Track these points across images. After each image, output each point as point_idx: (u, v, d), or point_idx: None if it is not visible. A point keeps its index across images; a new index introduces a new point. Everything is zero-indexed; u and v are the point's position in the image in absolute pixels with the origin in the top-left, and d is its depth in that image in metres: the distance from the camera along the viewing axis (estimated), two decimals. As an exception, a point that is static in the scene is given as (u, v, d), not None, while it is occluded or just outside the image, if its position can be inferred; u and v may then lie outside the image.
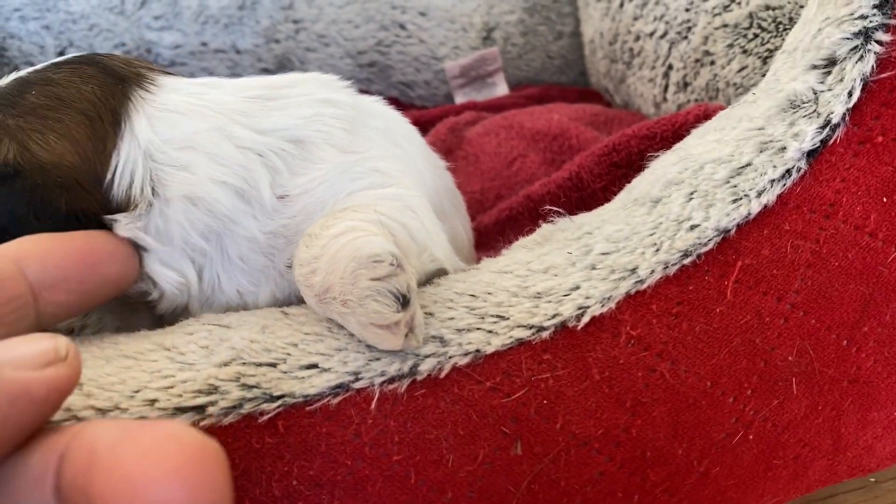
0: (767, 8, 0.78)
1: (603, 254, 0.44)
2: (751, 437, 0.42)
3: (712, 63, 0.85)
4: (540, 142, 0.93)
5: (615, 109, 1.06)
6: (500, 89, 1.25)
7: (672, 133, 0.75)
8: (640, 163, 0.76)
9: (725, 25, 0.83)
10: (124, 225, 0.44)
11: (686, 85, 0.90)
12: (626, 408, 0.40)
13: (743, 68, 0.80)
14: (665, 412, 0.40)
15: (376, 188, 0.48)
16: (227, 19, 1.18)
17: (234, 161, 0.46)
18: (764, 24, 0.78)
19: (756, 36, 0.79)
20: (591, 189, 0.76)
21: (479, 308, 0.42)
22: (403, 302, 0.37)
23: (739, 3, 0.82)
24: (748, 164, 0.46)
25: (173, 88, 0.48)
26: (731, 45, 0.82)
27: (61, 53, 1.20)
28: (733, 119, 0.52)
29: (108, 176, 0.44)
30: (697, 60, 0.87)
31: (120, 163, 0.45)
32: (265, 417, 0.37)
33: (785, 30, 0.76)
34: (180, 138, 0.46)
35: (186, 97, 0.48)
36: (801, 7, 0.74)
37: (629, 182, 0.77)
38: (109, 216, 0.44)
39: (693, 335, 0.41)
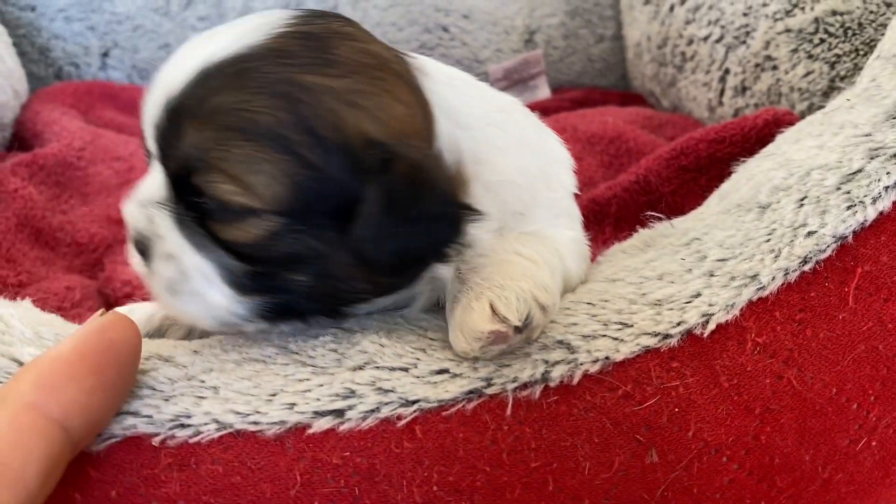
0: (835, 13, 0.78)
1: (720, 260, 0.44)
2: (873, 443, 0.42)
3: (774, 68, 0.85)
4: (596, 145, 0.92)
5: (666, 113, 1.06)
6: (542, 92, 1.25)
7: (741, 137, 0.75)
8: (710, 166, 0.76)
9: (789, 30, 0.83)
10: (488, 223, 0.38)
11: (745, 89, 0.90)
12: (755, 415, 0.40)
13: (809, 73, 0.80)
14: (793, 419, 0.40)
15: (564, 229, 0.48)
16: (271, 21, 1.18)
17: (537, 146, 0.46)
18: (831, 30, 0.78)
19: (822, 41, 0.79)
20: (659, 193, 0.76)
21: (600, 315, 0.42)
22: (522, 325, 0.37)
23: (803, 8, 0.81)
24: (859, 171, 0.46)
25: (424, 61, 0.43)
26: (795, 51, 0.82)
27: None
28: (832, 125, 0.51)
29: (435, 149, 0.38)
30: (758, 65, 0.87)
31: (444, 134, 0.38)
32: (403, 422, 0.37)
33: (854, 35, 0.76)
34: (484, 114, 0.42)
35: (448, 70, 0.44)
36: (872, 12, 0.74)
37: (697, 186, 0.77)
38: (474, 213, 0.37)
39: (818, 342, 0.41)
